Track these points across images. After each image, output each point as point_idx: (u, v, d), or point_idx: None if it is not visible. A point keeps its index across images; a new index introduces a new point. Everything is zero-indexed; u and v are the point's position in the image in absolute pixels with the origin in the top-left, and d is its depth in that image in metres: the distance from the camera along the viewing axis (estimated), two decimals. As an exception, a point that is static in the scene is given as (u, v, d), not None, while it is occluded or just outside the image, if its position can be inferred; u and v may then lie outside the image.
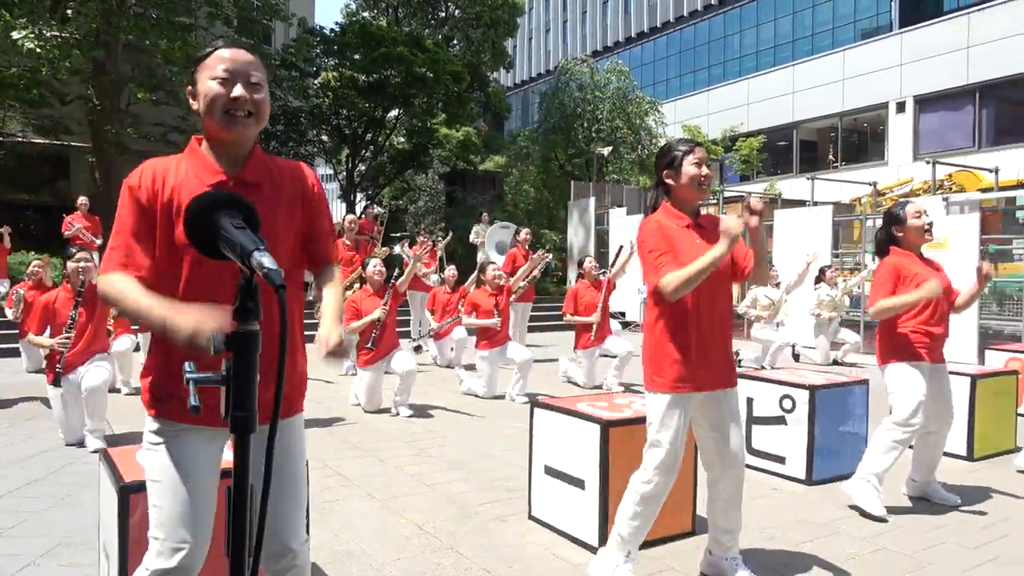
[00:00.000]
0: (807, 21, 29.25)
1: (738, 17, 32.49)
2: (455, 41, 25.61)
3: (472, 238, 14.15)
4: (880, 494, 3.76)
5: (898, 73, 23.36)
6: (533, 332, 10.75)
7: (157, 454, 1.74)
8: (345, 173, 20.98)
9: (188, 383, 1.20)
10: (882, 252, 3.95)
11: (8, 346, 8.86)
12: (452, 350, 8.71)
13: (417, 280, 8.98)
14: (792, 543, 3.32)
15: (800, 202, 14.97)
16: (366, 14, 25.34)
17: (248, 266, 1.13)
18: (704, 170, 2.74)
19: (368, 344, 6.06)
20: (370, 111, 19.54)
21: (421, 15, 25.73)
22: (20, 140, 14.73)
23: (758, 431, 4.52)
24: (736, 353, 3.17)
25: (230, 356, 1.15)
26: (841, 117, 25.48)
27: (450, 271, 9.18)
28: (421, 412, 6.15)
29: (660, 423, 2.68)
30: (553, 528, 3.40)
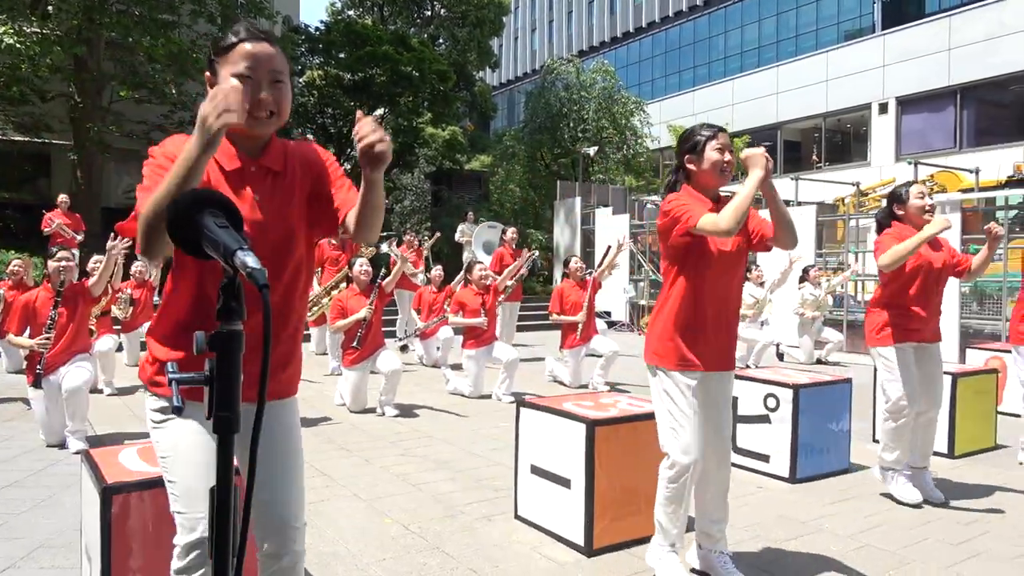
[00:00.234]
0: (791, 22, 29.44)
1: (723, 18, 32.64)
2: (441, 40, 25.55)
3: (458, 237, 14.14)
4: (909, 483, 3.89)
5: (880, 74, 23.56)
6: (519, 331, 10.75)
7: (164, 431, 1.73)
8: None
9: (171, 383, 1.19)
10: (881, 229, 3.96)
11: (-12, 346, 8.74)
12: (438, 349, 8.70)
13: (404, 279, 8.96)
14: (776, 541, 3.34)
15: (784, 202, 15.05)
16: (351, 12, 25.22)
17: (231, 265, 1.12)
18: (727, 156, 2.72)
19: (354, 343, 6.04)
20: (356, 109, 19.45)
21: (406, 14, 25.64)
22: (0, 138, 14.55)
23: (743, 429, 4.55)
24: None
25: (212, 356, 1.14)
26: (824, 118, 25.67)
27: (436, 271, 9.17)
28: (407, 412, 6.14)
29: (672, 400, 2.70)
30: (539, 527, 3.40)
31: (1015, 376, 5.15)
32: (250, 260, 1.11)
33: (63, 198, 11.03)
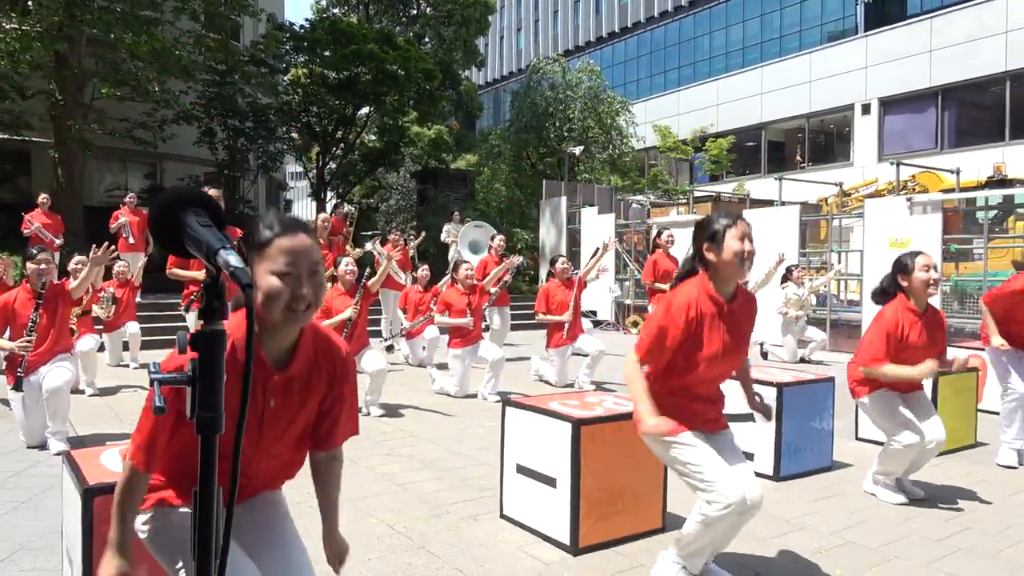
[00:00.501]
0: (775, 23, 29.64)
1: (708, 19, 32.80)
2: (427, 39, 25.48)
3: (443, 237, 14.11)
4: (894, 489, 3.97)
5: (863, 75, 23.78)
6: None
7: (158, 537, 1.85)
8: (315, 171, 20.78)
9: (153, 383, 1.18)
10: (883, 296, 3.92)
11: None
12: (424, 349, 8.68)
13: (390, 279, 8.93)
14: (761, 539, 3.36)
15: (768, 202, 15.17)
16: (336, 10, 25.10)
17: (214, 264, 1.12)
18: (748, 245, 2.61)
19: (339, 343, 6.00)
20: (340, 108, 19.36)
21: (392, 12, 25.57)
22: (-21, 135, 14.36)
23: (727, 428, 4.56)
24: None
25: (195, 356, 1.13)
26: (808, 118, 25.88)
27: (423, 270, 9.14)
28: (392, 411, 6.12)
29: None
30: (525, 527, 3.40)
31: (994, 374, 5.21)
32: (233, 259, 1.10)
33: (44, 197, 10.89)
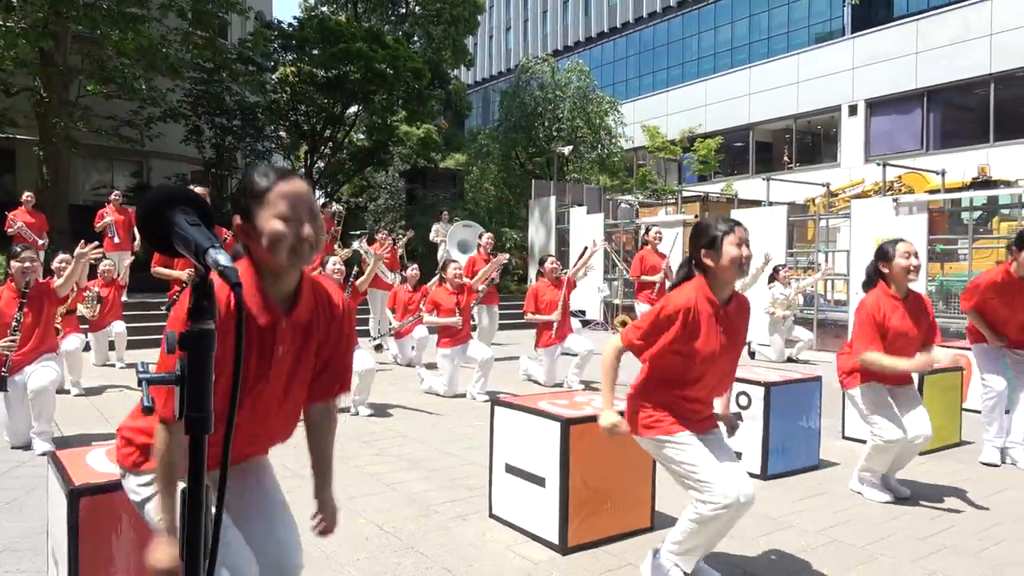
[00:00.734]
0: (763, 25, 29.80)
1: (696, 19, 32.93)
2: (415, 38, 25.41)
3: (432, 236, 14.08)
4: (880, 488, 4.01)
5: (850, 77, 23.94)
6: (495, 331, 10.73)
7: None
8: (304, 170, 20.68)
9: (140, 383, 1.17)
10: (868, 284, 3.97)
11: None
12: (413, 349, 8.66)
13: (377, 278, 8.90)
14: (748, 537, 3.38)
15: (756, 202, 15.24)
16: (325, 9, 24.99)
17: (203, 263, 1.11)
18: (745, 251, 2.67)
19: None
20: (329, 107, 19.28)
21: (381, 11, 25.47)
22: (-38, 133, 14.20)
23: (715, 427, 4.59)
24: None
25: (183, 355, 1.12)
26: (795, 119, 26.03)
27: (412, 270, 9.12)
28: (381, 411, 6.11)
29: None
30: (514, 526, 3.40)
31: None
32: (222, 258, 1.10)
33: (28, 196, 10.77)
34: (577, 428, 3.16)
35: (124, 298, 8.73)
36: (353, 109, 20.38)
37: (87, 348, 7.45)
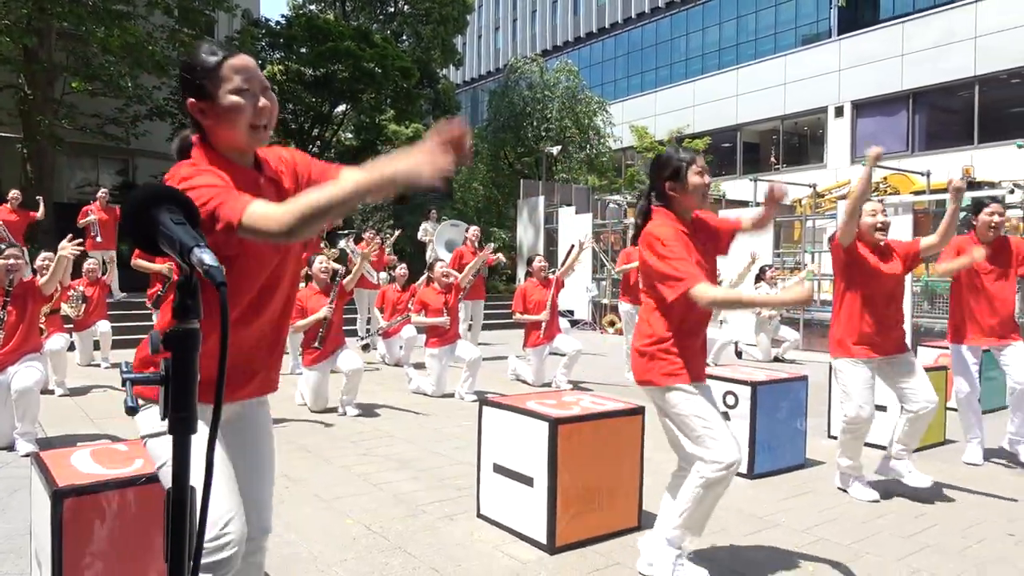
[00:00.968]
0: (750, 26, 29.95)
1: (684, 20, 33.06)
2: (404, 37, 25.35)
3: (420, 236, 14.06)
4: (864, 482, 4.04)
5: (836, 78, 24.09)
6: (482, 330, 10.74)
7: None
8: (291, 169, 20.62)
9: (125, 383, 1.16)
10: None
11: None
12: (401, 348, 8.65)
13: (363, 278, 8.88)
14: (735, 536, 3.39)
15: (743, 202, 15.32)
16: (313, 7, 24.90)
17: (188, 262, 1.10)
18: (707, 179, 2.79)
19: (315, 343, 5.97)
20: (317, 106, 19.22)
21: (369, 10, 25.39)
22: (-55, 130, 14.05)
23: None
24: None
25: (167, 355, 1.11)
26: (783, 120, 26.16)
27: (401, 269, 9.11)
28: (368, 411, 6.09)
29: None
30: (502, 526, 3.40)
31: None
32: (207, 257, 1.09)
33: (14, 194, 10.65)
34: (565, 428, 3.16)
35: (109, 298, 8.65)
36: (341, 108, 20.33)
37: (72, 348, 7.38)
